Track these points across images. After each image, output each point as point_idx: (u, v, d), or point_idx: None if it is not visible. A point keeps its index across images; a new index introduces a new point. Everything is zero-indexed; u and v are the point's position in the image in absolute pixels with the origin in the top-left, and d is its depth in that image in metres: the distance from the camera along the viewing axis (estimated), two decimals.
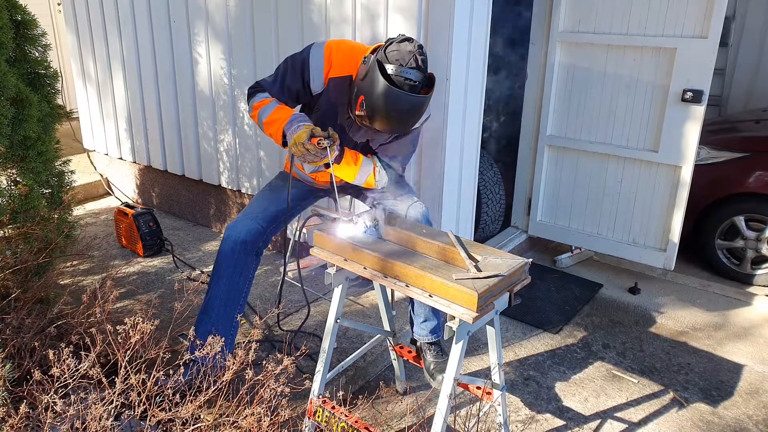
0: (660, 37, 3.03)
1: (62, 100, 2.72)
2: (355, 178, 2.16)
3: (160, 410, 1.50)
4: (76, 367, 1.45)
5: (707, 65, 2.91)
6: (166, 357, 1.56)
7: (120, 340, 1.52)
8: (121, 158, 4.27)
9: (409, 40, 1.90)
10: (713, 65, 2.92)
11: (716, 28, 2.85)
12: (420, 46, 1.89)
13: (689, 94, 2.97)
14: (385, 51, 1.89)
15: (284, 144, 2.03)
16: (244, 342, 2.06)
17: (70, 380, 1.44)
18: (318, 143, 1.92)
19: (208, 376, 1.57)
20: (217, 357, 1.58)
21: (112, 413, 1.42)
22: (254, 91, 2.15)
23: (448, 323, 1.61)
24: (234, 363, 1.54)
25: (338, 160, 2.07)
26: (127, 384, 1.48)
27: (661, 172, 3.21)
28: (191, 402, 1.52)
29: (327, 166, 2.02)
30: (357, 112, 1.93)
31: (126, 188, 4.38)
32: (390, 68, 1.84)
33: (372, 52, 1.95)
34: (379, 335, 2.32)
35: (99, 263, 3.23)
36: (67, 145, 2.87)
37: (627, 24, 3.12)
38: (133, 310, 2.66)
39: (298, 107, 2.27)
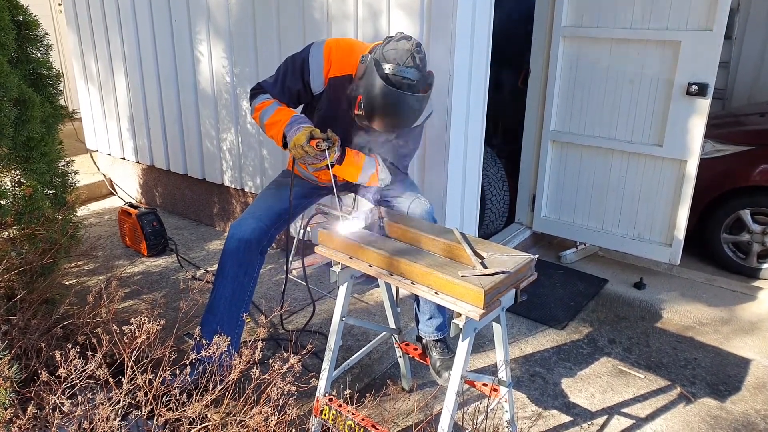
0: (664, 30, 3.02)
1: (64, 101, 2.72)
2: (357, 178, 2.15)
3: (167, 410, 1.50)
4: (82, 367, 1.44)
5: (712, 58, 2.89)
6: (172, 357, 1.56)
7: (126, 340, 1.52)
8: (123, 158, 4.27)
9: (407, 38, 1.88)
10: (718, 58, 2.90)
11: (721, 20, 2.83)
12: (418, 45, 1.88)
13: (694, 87, 2.95)
14: (382, 50, 1.88)
15: (285, 146, 2.03)
16: (249, 341, 2.06)
17: (77, 380, 1.44)
18: (317, 145, 1.91)
19: (215, 376, 1.57)
20: (223, 356, 1.58)
21: (119, 413, 1.42)
22: (256, 92, 2.15)
23: (454, 320, 1.60)
24: (240, 362, 1.54)
25: (340, 160, 2.06)
26: (133, 384, 1.48)
27: (666, 167, 3.20)
28: (198, 401, 1.52)
29: (329, 166, 2.01)
30: (356, 112, 1.92)
31: (129, 188, 4.38)
32: (387, 67, 1.83)
33: (370, 51, 1.94)
34: (384, 333, 2.32)
35: (103, 263, 3.24)
36: (69, 146, 2.87)
37: (631, 17, 3.10)
38: (138, 310, 2.66)
39: (300, 107, 2.26)
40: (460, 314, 1.58)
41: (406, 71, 1.82)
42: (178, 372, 1.62)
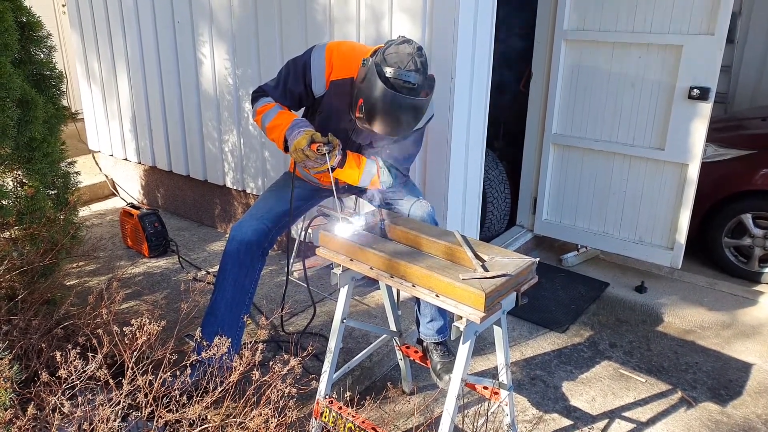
0: (666, 34, 3.02)
1: (67, 101, 2.73)
2: (359, 181, 2.15)
3: (167, 411, 1.50)
4: (83, 368, 1.44)
5: (714, 62, 2.89)
6: (172, 358, 1.56)
7: (127, 341, 1.52)
8: (126, 159, 4.27)
9: (408, 41, 1.89)
10: (720, 62, 2.90)
11: (723, 24, 2.83)
12: (419, 48, 1.88)
13: (696, 91, 2.95)
14: (384, 53, 1.88)
15: (286, 149, 2.03)
16: (250, 342, 2.06)
17: (78, 381, 1.44)
18: (317, 149, 1.91)
19: (215, 377, 1.57)
20: (223, 358, 1.58)
21: (119, 414, 1.42)
22: (257, 95, 2.15)
23: (455, 323, 1.60)
24: (240, 364, 1.54)
25: (341, 164, 2.06)
26: (134, 385, 1.48)
27: (667, 170, 3.19)
28: (198, 403, 1.52)
29: (330, 170, 2.01)
30: (357, 115, 1.93)
31: (131, 189, 4.39)
32: (388, 71, 1.83)
33: (372, 55, 1.94)
34: (385, 335, 2.32)
35: (105, 264, 3.24)
36: (72, 146, 2.88)
37: (632, 21, 3.11)
38: (139, 310, 2.66)
39: (302, 111, 2.26)
40: (461, 317, 1.58)
41: (407, 75, 1.82)
42: (178, 373, 1.62)
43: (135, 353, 1.51)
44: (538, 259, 1.74)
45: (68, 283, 2.74)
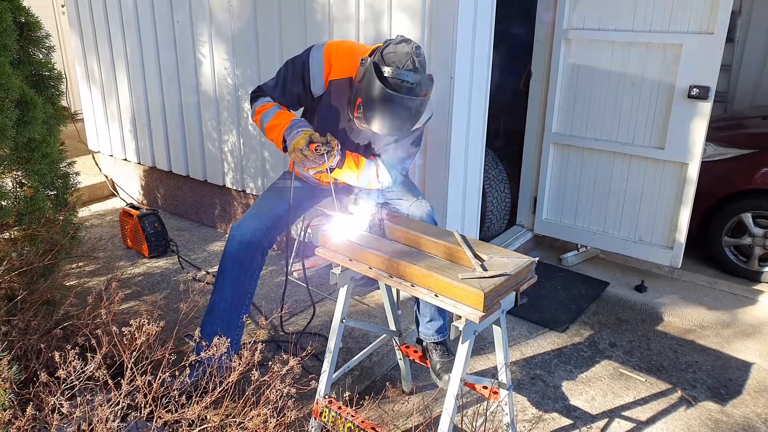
0: (666, 33, 3.01)
1: (67, 102, 2.73)
2: (357, 181, 2.15)
3: (166, 411, 1.50)
4: (82, 368, 1.45)
5: (714, 61, 2.89)
6: (171, 358, 1.56)
7: (126, 342, 1.52)
8: (125, 159, 4.27)
9: (406, 41, 1.88)
10: (720, 61, 2.89)
11: (723, 23, 2.83)
12: (418, 48, 1.88)
13: (696, 90, 2.95)
14: (382, 53, 1.88)
15: (285, 149, 2.03)
16: (249, 342, 2.06)
17: (77, 382, 1.44)
18: (316, 149, 1.91)
19: (214, 377, 1.57)
20: (222, 358, 1.58)
21: (118, 415, 1.42)
22: (256, 95, 2.15)
23: (454, 323, 1.60)
24: (240, 364, 1.54)
25: (339, 164, 2.06)
26: (133, 385, 1.48)
27: (667, 170, 3.19)
28: (197, 403, 1.52)
29: (328, 170, 2.01)
30: (355, 114, 1.92)
31: (131, 189, 4.39)
32: (386, 70, 1.83)
33: (370, 54, 1.94)
34: (384, 335, 2.31)
35: (104, 264, 3.24)
36: (72, 147, 2.88)
37: (632, 20, 3.10)
38: (139, 311, 2.66)
39: (301, 110, 2.26)
40: (460, 317, 1.57)
41: (405, 74, 1.82)
42: (177, 373, 1.62)
43: (134, 353, 1.51)
44: (537, 258, 1.74)
45: (68, 284, 2.73)
